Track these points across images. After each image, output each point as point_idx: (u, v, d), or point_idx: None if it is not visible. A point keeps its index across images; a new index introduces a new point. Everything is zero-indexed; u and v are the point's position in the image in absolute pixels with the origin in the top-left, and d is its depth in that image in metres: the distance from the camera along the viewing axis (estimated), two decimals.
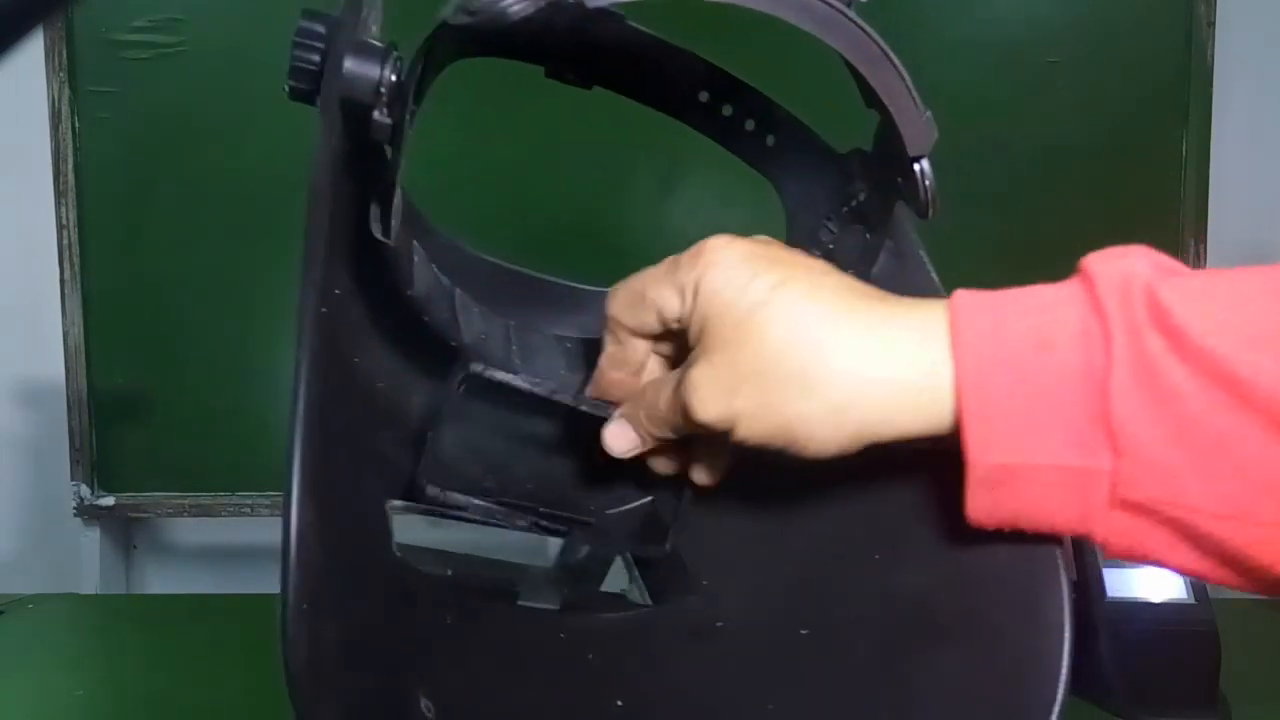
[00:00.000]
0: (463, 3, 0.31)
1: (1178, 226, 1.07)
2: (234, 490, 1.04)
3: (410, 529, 0.38)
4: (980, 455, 0.30)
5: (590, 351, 0.42)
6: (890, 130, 0.36)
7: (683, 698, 0.36)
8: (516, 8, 0.30)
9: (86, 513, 1.05)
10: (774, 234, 0.40)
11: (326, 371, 0.31)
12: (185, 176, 1.02)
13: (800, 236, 0.43)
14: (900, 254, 0.41)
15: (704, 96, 0.43)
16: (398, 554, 0.36)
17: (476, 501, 0.39)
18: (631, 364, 0.38)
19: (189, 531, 1.15)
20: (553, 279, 0.46)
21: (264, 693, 0.66)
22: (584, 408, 0.39)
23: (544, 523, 0.41)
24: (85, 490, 1.04)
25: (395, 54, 0.34)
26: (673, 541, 0.41)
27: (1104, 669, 0.59)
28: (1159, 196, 1.07)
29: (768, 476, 0.39)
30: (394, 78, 0.33)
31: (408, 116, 0.33)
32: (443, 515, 0.39)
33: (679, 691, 0.36)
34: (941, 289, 0.39)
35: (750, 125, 0.43)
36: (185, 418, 1.04)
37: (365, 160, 0.34)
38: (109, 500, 1.05)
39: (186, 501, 1.04)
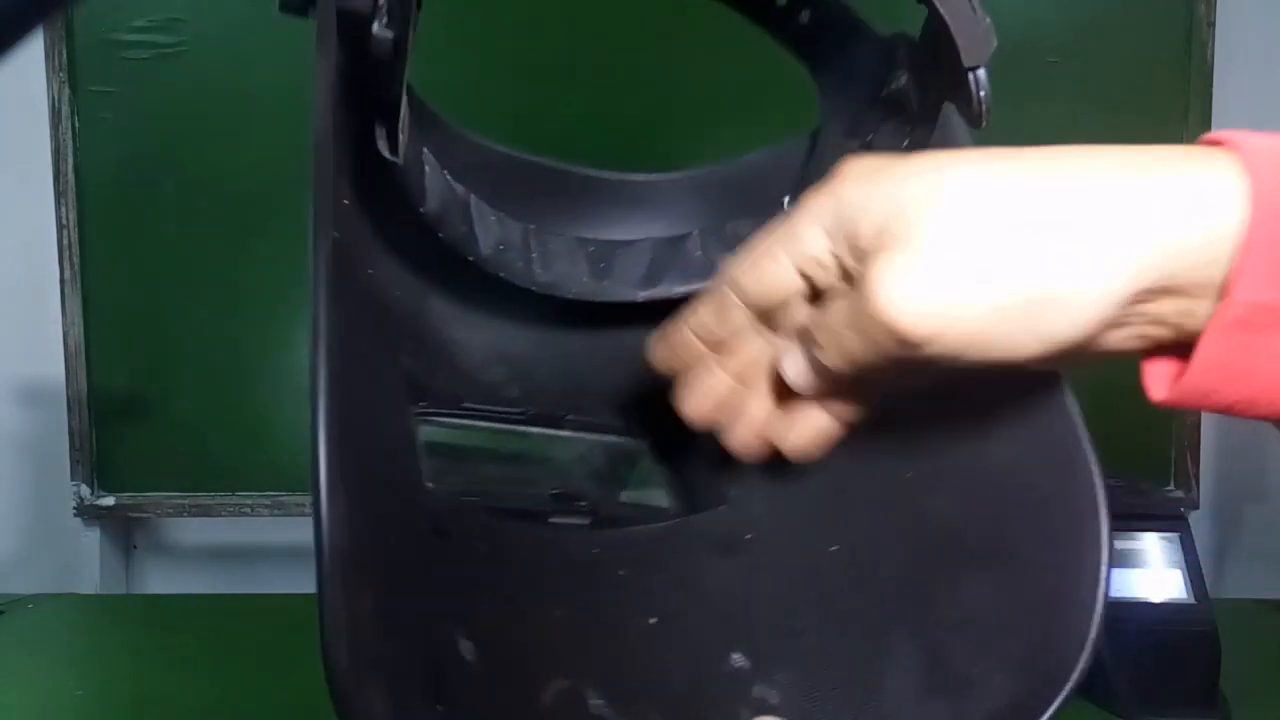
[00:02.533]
0: None
1: None
2: (234, 490, 1.04)
3: (435, 436, 0.38)
4: (1249, 290, 0.26)
5: (614, 254, 0.41)
6: (941, 32, 0.34)
7: (711, 612, 0.36)
8: None
9: (86, 513, 1.05)
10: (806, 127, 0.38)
11: (343, 296, 0.30)
12: (185, 176, 1.02)
13: (837, 127, 0.41)
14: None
15: None
16: (428, 483, 0.36)
17: (500, 408, 0.39)
18: (725, 328, 0.33)
19: (189, 531, 1.15)
20: (571, 168, 0.44)
21: (264, 692, 0.66)
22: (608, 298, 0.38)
23: (570, 426, 0.40)
24: (85, 490, 1.04)
25: None
26: (699, 448, 0.39)
27: (1104, 669, 0.59)
28: None
29: None
30: None
31: (409, 27, 0.32)
32: (467, 421, 0.39)
33: (708, 606, 0.36)
34: None
35: (784, 0, 0.40)
36: (185, 418, 1.04)
37: (368, 74, 0.33)
38: (109, 500, 1.05)
39: (186, 501, 1.04)
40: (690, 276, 0.42)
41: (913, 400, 0.35)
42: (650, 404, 0.42)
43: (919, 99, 0.38)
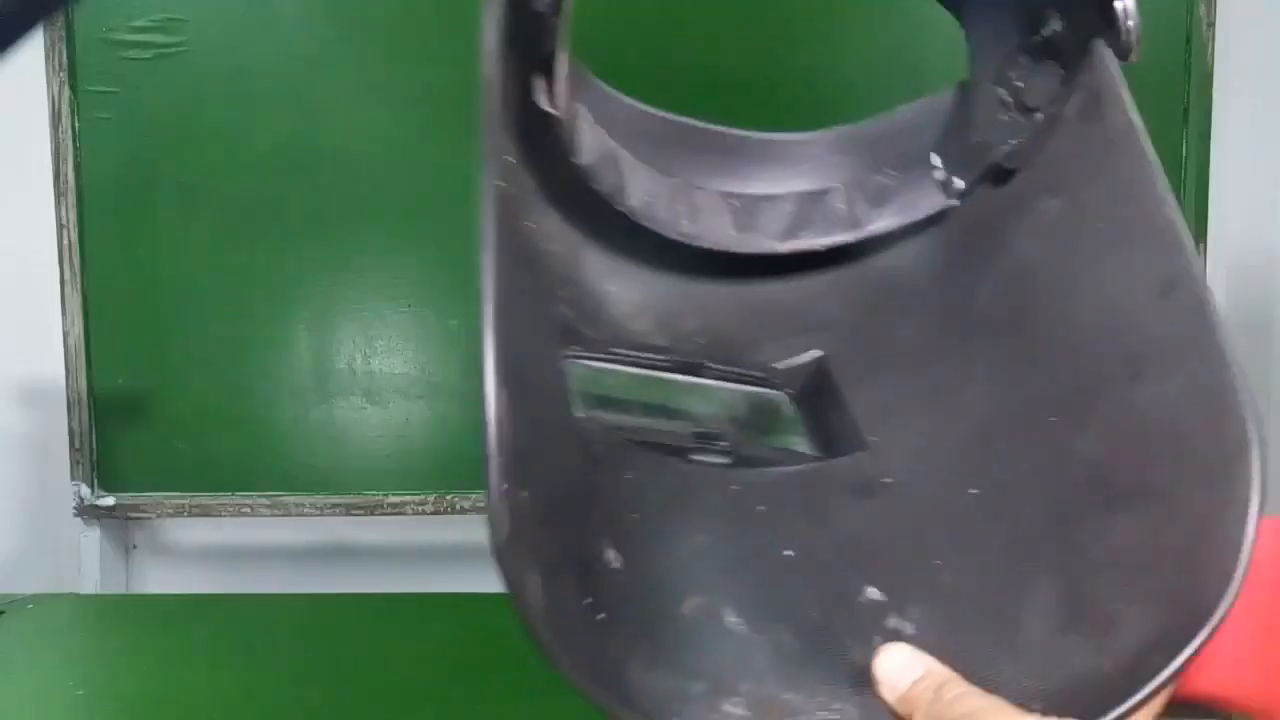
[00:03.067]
0: None
1: None
2: (234, 490, 1.04)
3: (583, 384, 0.40)
4: None
5: (758, 207, 0.42)
6: None
7: (847, 549, 0.36)
8: None
9: (86, 513, 1.05)
10: (951, 78, 0.39)
11: (507, 244, 0.32)
12: (185, 176, 1.02)
13: (986, 75, 0.41)
14: (1098, 96, 0.38)
15: None
16: (579, 415, 0.37)
17: (646, 355, 0.40)
18: None
19: (189, 531, 1.15)
20: (717, 126, 0.45)
21: (264, 692, 0.66)
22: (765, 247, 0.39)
23: (713, 375, 0.41)
24: (85, 490, 1.04)
25: None
26: (839, 399, 0.40)
27: None
28: None
29: (946, 333, 0.39)
30: None
31: None
32: (614, 366, 0.40)
33: (846, 545, 0.36)
34: (1142, 128, 0.37)
35: None
36: (185, 418, 1.04)
37: (529, 27, 0.35)
38: (109, 500, 1.05)
39: (186, 501, 1.04)
40: (832, 229, 0.43)
41: (1064, 351, 0.35)
42: (794, 361, 0.43)
43: (1071, 40, 0.38)
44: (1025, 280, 0.39)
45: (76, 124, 1.01)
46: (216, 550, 1.15)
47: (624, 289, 0.42)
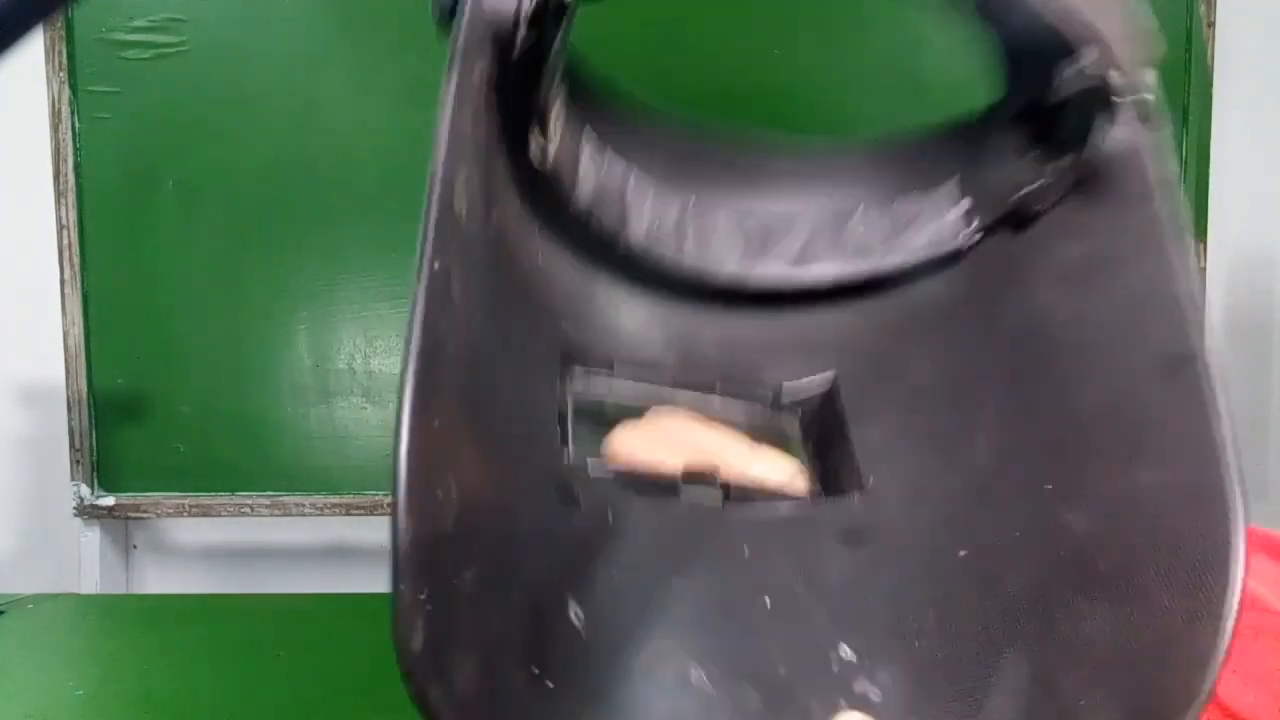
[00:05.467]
0: None
1: None
2: (234, 490, 1.04)
3: (584, 401, 0.39)
4: None
5: (772, 229, 0.42)
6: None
7: (827, 601, 0.36)
8: None
9: (86, 513, 1.05)
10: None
11: (499, 286, 0.32)
12: (185, 176, 1.02)
13: (1018, 107, 0.40)
14: (1135, 144, 0.37)
15: None
16: (569, 458, 0.37)
17: (654, 372, 0.40)
18: None
19: (189, 531, 1.15)
20: (742, 132, 0.45)
21: (264, 692, 0.66)
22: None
23: (718, 393, 0.41)
24: (85, 490, 1.04)
25: None
26: (845, 434, 0.40)
27: None
28: None
29: (961, 375, 0.38)
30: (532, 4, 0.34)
31: (559, 33, 0.34)
32: (616, 380, 0.40)
33: (825, 594, 0.36)
34: (1177, 182, 0.36)
35: None
36: (185, 418, 1.04)
37: (515, 79, 0.35)
38: (109, 500, 1.05)
39: (186, 501, 1.04)
40: (848, 258, 0.42)
41: (1064, 412, 0.35)
42: (802, 384, 0.42)
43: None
44: (1041, 329, 0.38)
45: (76, 124, 1.01)
46: (216, 550, 1.15)
47: (636, 313, 0.42)
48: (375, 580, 1.11)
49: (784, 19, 1.03)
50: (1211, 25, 1.05)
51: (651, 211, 0.41)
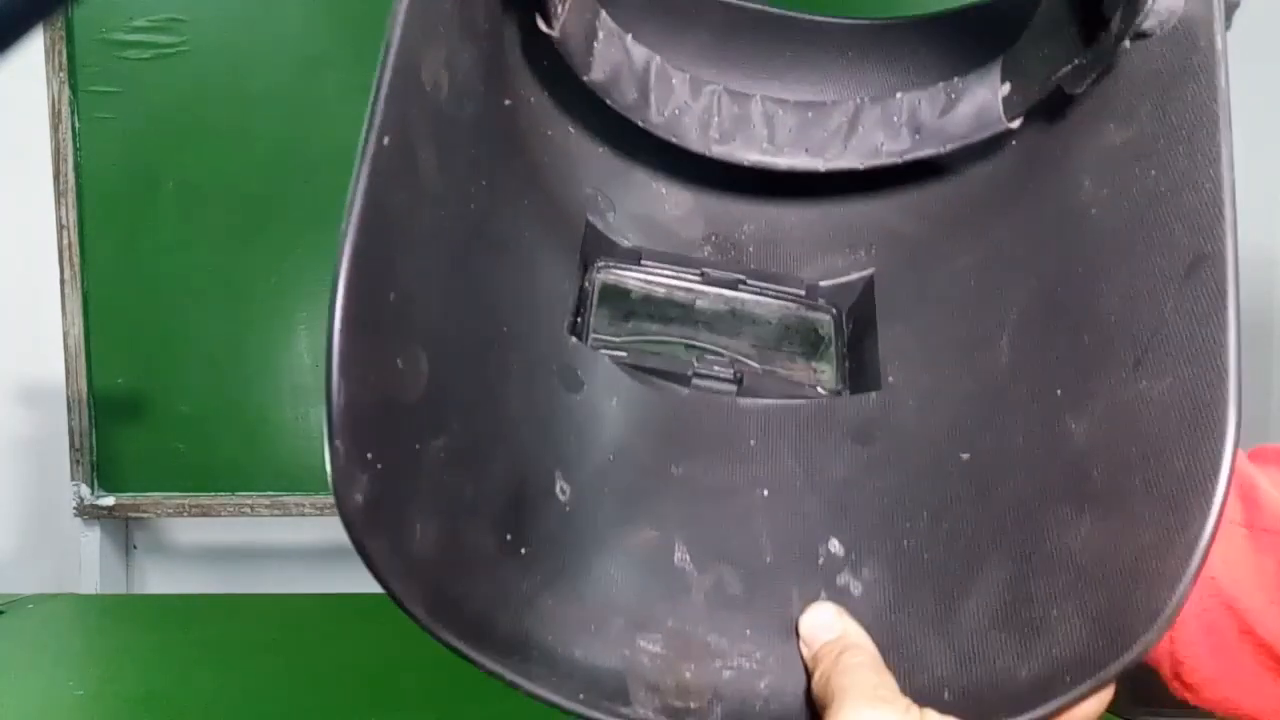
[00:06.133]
0: None
1: None
2: (234, 490, 1.04)
3: (609, 290, 0.39)
4: None
5: (806, 117, 0.41)
6: None
7: (824, 496, 0.36)
8: None
9: (86, 513, 1.05)
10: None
11: (503, 158, 0.32)
12: (185, 176, 1.02)
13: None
14: (1188, 16, 0.36)
15: None
16: (573, 337, 0.37)
17: (677, 268, 0.40)
18: None
19: (189, 531, 1.15)
20: (777, 12, 0.44)
21: (264, 692, 0.66)
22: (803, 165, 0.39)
23: (752, 290, 0.41)
24: (85, 490, 1.04)
25: None
26: (874, 328, 0.39)
27: None
28: None
29: (996, 271, 0.37)
30: None
31: None
32: (642, 277, 0.40)
33: (823, 489, 0.36)
34: (1224, 59, 0.36)
35: None
36: (185, 418, 1.04)
37: None
38: (109, 500, 1.05)
39: (186, 501, 1.04)
40: (889, 139, 0.40)
41: (1086, 312, 0.34)
42: (839, 282, 0.42)
43: None
44: (1077, 220, 0.37)
45: (76, 124, 1.01)
46: (216, 550, 1.15)
47: (679, 193, 0.42)
48: (375, 581, 1.11)
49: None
50: None
51: (675, 95, 0.40)
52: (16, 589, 0.91)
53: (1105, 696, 0.33)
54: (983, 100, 0.39)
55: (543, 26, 0.36)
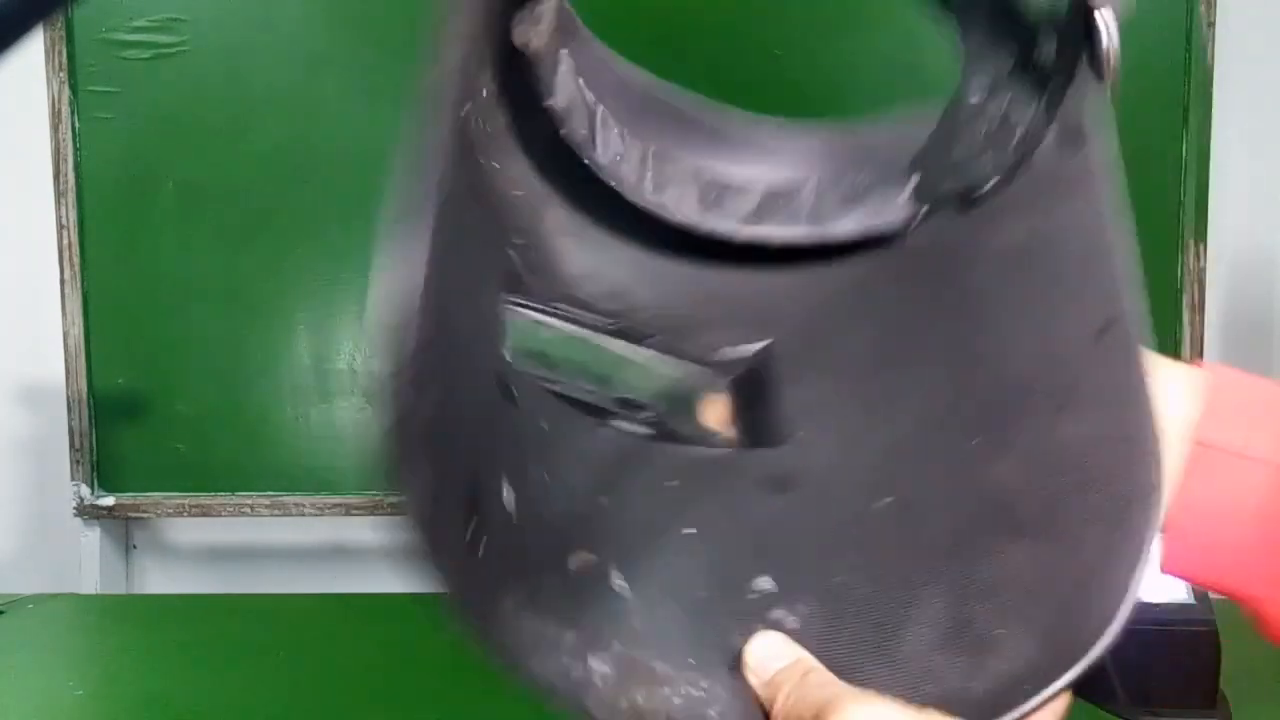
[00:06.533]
0: None
1: (1178, 227, 1.07)
2: (234, 490, 1.04)
3: (522, 333, 0.39)
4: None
5: (726, 188, 0.42)
6: None
7: (749, 538, 0.37)
8: None
9: (86, 513, 1.05)
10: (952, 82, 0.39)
11: (459, 166, 0.33)
12: (185, 176, 1.02)
13: (973, 93, 0.41)
14: (1080, 127, 0.39)
15: None
16: (507, 357, 0.37)
17: (590, 316, 0.40)
18: None
19: (189, 531, 1.15)
20: (707, 103, 0.45)
21: (264, 692, 0.66)
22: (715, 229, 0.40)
23: (653, 346, 0.41)
24: (85, 490, 1.04)
25: None
26: (775, 392, 0.40)
27: (1104, 668, 0.59)
28: (1159, 198, 1.07)
29: (894, 347, 0.39)
30: None
31: None
32: (554, 320, 0.40)
33: (749, 534, 0.37)
34: (1116, 166, 0.38)
35: None
36: (185, 418, 1.04)
37: None
38: (109, 500, 1.05)
39: (186, 501, 1.04)
40: (796, 223, 0.43)
41: (991, 375, 0.36)
42: (739, 350, 0.42)
43: (1060, 64, 0.38)
44: (978, 304, 0.39)
45: (76, 124, 1.01)
46: (216, 550, 1.15)
47: (583, 250, 0.42)
48: (375, 580, 1.11)
49: (784, 19, 1.03)
50: (1211, 25, 1.05)
51: (616, 144, 0.41)
52: (16, 589, 0.91)
53: (1065, 701, 0.33)
54: (890, 194, 0.42)
55: (518, 38, 0.36)
